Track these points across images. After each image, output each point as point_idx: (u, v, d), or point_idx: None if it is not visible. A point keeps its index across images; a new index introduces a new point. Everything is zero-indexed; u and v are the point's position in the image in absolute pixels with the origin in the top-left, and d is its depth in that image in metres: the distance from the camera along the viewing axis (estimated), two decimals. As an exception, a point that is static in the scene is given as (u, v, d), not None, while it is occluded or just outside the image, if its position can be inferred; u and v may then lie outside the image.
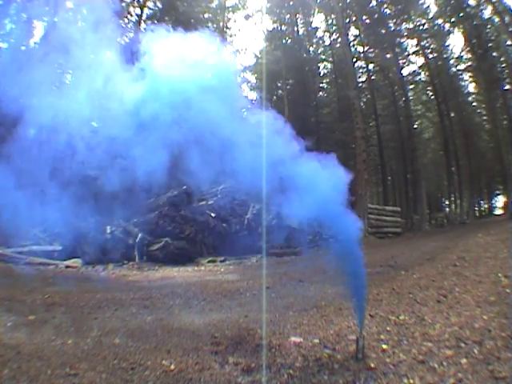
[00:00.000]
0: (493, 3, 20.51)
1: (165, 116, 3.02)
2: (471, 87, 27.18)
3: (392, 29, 24.05)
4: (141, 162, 3.20)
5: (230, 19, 26.64)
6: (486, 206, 34.20)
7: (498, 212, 30.05)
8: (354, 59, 22.15)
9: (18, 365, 2.55)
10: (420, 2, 23.60)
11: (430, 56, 24.76)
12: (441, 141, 25.81)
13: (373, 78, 25.87)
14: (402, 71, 24.52)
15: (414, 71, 25.57)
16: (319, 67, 28.08)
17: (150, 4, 21.18)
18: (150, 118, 3.07)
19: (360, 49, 25.19)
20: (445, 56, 24.91)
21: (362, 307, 2.86)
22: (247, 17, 27.03)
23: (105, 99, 3.26)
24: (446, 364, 2.41)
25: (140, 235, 9.96)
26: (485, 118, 27.02)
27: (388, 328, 3.21)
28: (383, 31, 23.61)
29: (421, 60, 25.03)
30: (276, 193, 3.00)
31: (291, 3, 25.72)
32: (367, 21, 24.20)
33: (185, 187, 10.52)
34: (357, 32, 24.78)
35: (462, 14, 22.56)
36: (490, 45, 22.03)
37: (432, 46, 24.69)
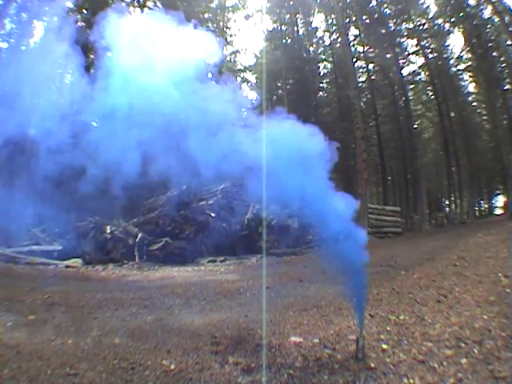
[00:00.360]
0: (493, 3, 20.48)
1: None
2: (471, 87, 27.18)
3: (392, 29, 24.03)
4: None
5: (229, 19, 26.63)
6: (486, 205, 34.22)
7: (498, 212, 30.06)
8: (354, 59, 22.13)
9: (18, 365, 2.55)
10: (420, 1, 23.59)
11: (430, 56, 24.73)
12: (441, 141, 25.77)
13: (373, 77, 25.84)
14: (401, 71, 24.51)
15: (414, 71, 25.55)
16: (319, 67, 28.06)
17: (150, 4, 21.20)
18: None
19: (360, 49, 25.19)
20: (445, 56, 24.87)
21: (362, 307, 2.86)
22: (247, 17, 27.03)
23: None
24: (445, 364, 2.41)
25: (140, 235, 9.96)
26: (485, 118, 26.99)
27: (388, 328, 3.21)
28: (383, 31, 23.59)
29: (421, 60, 25.03)
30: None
31: (291, 3, 25.71)
32: (367, 21, 24.18)
33: (184, 187, 10.53)
34: (357, 32, 24.76)
35: (462, 14, 22.53)
36: (490, 45, 21.99)
37: (432, 46, 24.66)
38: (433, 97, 25.63)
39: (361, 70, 25.39)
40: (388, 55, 23.86)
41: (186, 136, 2.96)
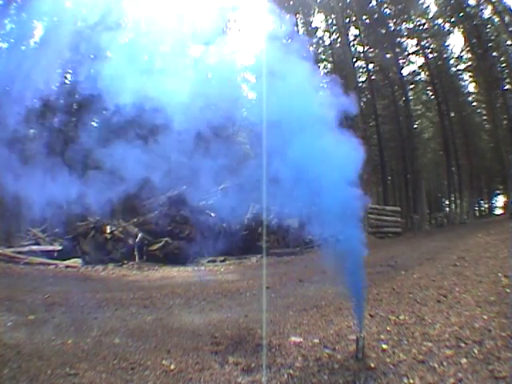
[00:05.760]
0: (493, 3, 20.48)
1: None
2: (471, 87, 27.15)
3: (392, 29, 24.02)
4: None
5: (230, 19, 26.58)
6: (486, 205, 34.16)
7: (498, 212, 30.02)
8: (354, 59, 22.12)
9: (18, 364, 2.56)
10: (420, 1, 23.59)
11: (430, 56, 24.73)
12: (441, 141, 25.77)
13: (373, 77, 25.82)
14: (401, 71, 24.50)
15: (414, 71, 25.52)
16: (319, 67, 28.04)
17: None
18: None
19: (360, 49, 25.14)
20: (445, 56, 24.86)
21: (362, 307, 2.86)
22: (247, 17, 26.99)
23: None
24: (445, 364, 2.41)
25: (140, 235, 9.96)
26: (485, 117, 26.96)
27: (388, 328, 3.21)
28: (383, 31, 23.58)
29: (421, 60, 25.02)
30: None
31: (291, 3, 25.69)
32: (367, 21, 24.17)
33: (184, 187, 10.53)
34: (357, 32, 24.74)
35: (462, 14, 22.53)
36: (490, 45, 22.00)
37: (432, 46, 24.66)
38: (433, 97, 25.62)
39: (361, 70, 25.36)
40: (388, 55, 23.83)
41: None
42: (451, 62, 25.24)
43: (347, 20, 22.75)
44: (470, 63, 24.29)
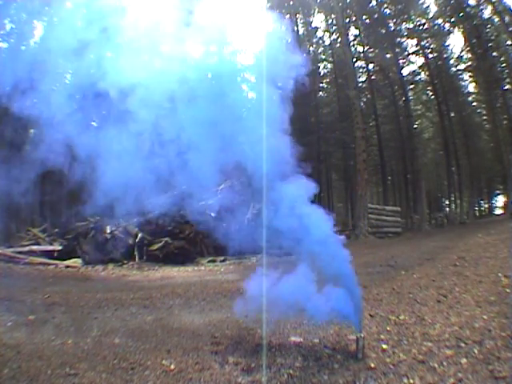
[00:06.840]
0: (493, 3, 20.49)
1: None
2: (471, 87, 27.16)
3: (392, 29, 24.02)
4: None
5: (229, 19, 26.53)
6: (486, 205, 34.18)
7: (498, 212, 30.04)
8: (354, 59, 22.12)
9: (18, 365, 2.56)
10: (420, 1, 23.59)
11: (430, 56, 24.73)
12: (441, 141, 25.78)
13: (373, 77, 25.82)
14: (401, 71, 24.50)
15: (414, 71, 25.51)
16: (319, 67, 28.04)
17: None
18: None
19: (360, 49, 25.15)
20: (445, 56, 24.86)
21: (359, 307, 2.87)
22: (247, 17, 26.95)
23: None
24: (446, 364, 2.41)
25: (140, 235, 9.96)
26: (485, 117, 26.97)
27: (388, 328, 3.21)
28: (383, 31, 23.58)
29: (421, 60, 25.02)
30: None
31: (291, 3, 25.69)
32: (367, 21, 24.17)
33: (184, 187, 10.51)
34: (357, 32, 24.74)
35: (462, 14, 22.53)
36: (490, 45, 21.99)
37: (432, 46, 24.65)
38: (433, 97, 25.62)
39: (361, 70, 25.36)
40: (388, 55, 23.84)
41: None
42: (451, 61, 25.27)
43: (347, 20, 22.74)
44: (470, 63, 24.29)
